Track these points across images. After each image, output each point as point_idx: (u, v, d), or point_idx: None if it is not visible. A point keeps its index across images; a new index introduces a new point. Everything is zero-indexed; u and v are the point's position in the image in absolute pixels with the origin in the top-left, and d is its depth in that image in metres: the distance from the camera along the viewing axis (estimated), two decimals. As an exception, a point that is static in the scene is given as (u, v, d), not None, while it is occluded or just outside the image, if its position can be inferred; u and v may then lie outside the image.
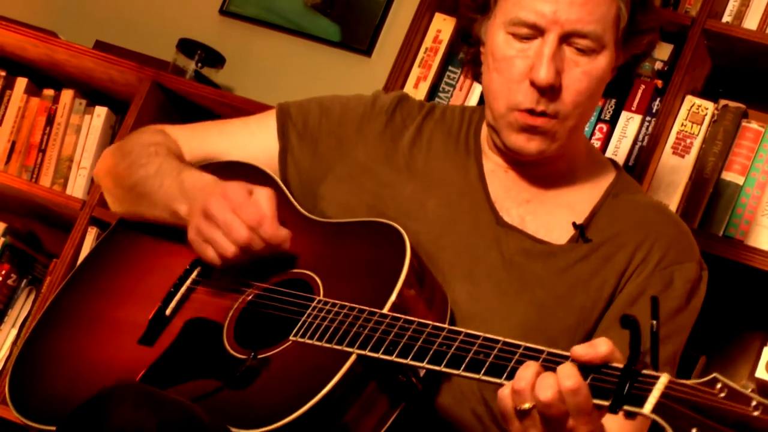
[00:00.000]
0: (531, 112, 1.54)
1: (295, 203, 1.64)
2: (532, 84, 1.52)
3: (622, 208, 1.63)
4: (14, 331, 2.68)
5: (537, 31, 1.52)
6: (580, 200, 1.63)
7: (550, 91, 1.53)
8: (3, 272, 2.71)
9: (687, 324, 1.58)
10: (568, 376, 1.18)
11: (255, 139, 1.73)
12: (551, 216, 1.61)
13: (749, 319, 2.27)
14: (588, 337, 1.52)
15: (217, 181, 1.56)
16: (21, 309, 2.71)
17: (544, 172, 1.64)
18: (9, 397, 1.54)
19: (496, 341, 1.28)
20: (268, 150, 1.71)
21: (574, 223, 1.59)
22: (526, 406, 1.20)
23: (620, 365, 1.18)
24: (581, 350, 1.20)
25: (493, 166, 1.65)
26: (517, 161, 1.63)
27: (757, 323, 2.23)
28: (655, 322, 1.16)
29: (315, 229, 1.59)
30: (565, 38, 1.52)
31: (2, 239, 2.73)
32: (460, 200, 1.61)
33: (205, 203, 1.50)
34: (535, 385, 1.20)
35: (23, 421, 1.50)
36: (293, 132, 1.71)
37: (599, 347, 1.20)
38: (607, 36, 1.55)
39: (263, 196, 1.51)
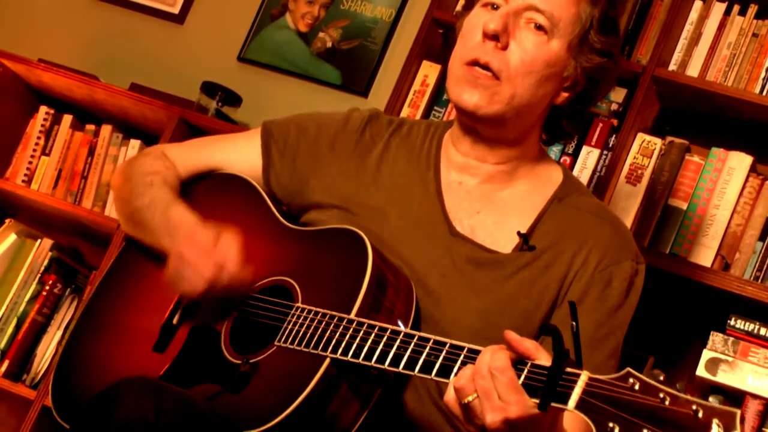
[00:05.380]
0: (476, 63, 1.57)
1: (276, 212, 1.70)
2: (483, 35, 1.56)
3: (564, 213, 1.65)
4: (59, 333, 2.80)
5: (503, 1, 1.59)
6: (526, 207, 1.65)
7: (496, 40, 1.55)
8: (50, 282, 2.82)
9: (626, 318, 1.62)
10: (497, 357, 1.26)
11: (242, 155, 1.79)
12: (499, 226, 1.63)
13: (692, 325, 2.39)
14: (532, 338, 1.48)
15: (196, 222, 1.60)
16: (65, 314, 2.83)
17: (494, 183, 1.67)
18: (53, 404, 1.61)
19: (444, 343, 1.34)
20: (253, 164, 1.78)
21: (518, 233, 1.61)
22: (469, 398, 1.26)
23: (547, 364, 1.22)
24: (514, 333, 1.27)
25: (449, 179, 1.68)
26: (470, 173, 1.66)
27: (698, 328, 2.32)
28: (574, 323, 1.23)
29: (292, 236, 1.65)
30: (524, 9, 1.57)
31: (50, 254, 2.84)
32: (419, 212, 1.65)
33: (179, 247, 1.55)
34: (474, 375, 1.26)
35: (66, 426, 1.58)
36: (275, 150, 1.76)
37: (526, 341, 1.27)
38: (561, 26, 1.57)
39: (229, 241, 1.55)
